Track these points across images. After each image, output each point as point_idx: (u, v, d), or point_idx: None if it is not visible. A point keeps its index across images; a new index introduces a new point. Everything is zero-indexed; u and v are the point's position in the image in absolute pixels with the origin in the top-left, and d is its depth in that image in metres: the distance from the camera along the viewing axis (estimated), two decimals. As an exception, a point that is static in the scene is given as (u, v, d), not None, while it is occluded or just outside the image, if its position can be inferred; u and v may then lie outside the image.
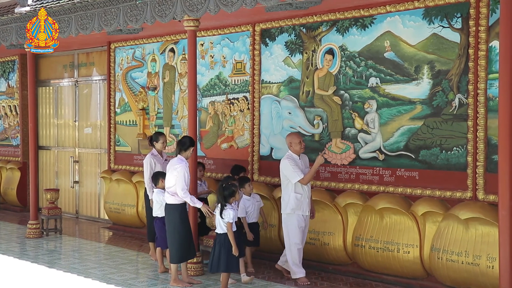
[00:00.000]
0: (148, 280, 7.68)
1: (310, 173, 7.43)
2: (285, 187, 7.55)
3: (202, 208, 7.43)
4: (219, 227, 7.07)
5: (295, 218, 7.48)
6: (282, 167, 7.55)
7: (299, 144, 7.58)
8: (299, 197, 7.45)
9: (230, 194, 7.05)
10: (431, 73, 7.24)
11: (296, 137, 7.66)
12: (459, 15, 6.99)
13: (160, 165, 8.73)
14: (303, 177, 7.38)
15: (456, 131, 7.04)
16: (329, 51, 8.23)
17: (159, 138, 8.93)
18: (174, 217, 7.43)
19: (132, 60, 11.22)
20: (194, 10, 7.43)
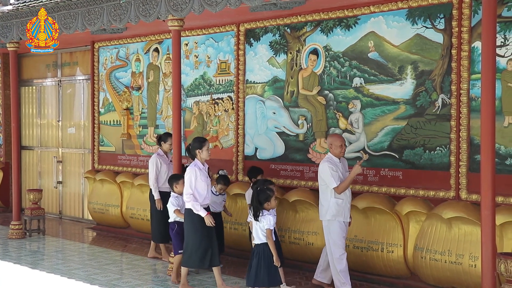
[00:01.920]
0: (132, 281, 7.64)
1: (346, 183, 6.83)
2: (323, 192, 6.96)
3: (206, 218, 7.03)
4: (257, 237, 6.38)
5: (337, 225, 6.85)
6: (320, 170, 6.96)
7: (340, 147, 6.98)
8: (340, 203, 6.86)
9: (265, 199, 6.37)
10: (415, 74, 7.29)
11: (338, 140, 7.04)
12: (442, 16, 7.04)
13: (166, 166, 8.75)
14: (338, 186, 6.79)
15: (439, 131, 7.09)
16: (314, 51, 8.26)
17: (168, 139, 8.83)
18: (187, 222, 7.18)
19: (116, 60, 11.17)
20: (178, 9, 7.41)
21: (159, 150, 8.90)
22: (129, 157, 10.96)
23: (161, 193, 8.66)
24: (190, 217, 7.11)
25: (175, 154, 8.01)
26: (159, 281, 7.66)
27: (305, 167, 8.35)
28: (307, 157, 8.35)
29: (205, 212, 7.07)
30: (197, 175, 7.06)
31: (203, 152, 7.18)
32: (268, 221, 6.31)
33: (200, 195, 7.07)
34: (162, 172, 8.73)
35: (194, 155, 7.25)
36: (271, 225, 6.32)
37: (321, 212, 6.98)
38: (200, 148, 7.18)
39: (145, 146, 10.67)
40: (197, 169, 7.09)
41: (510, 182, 6.50)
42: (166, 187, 8.52)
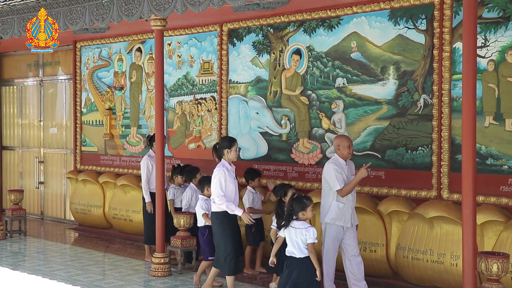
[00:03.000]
0: (115, 281, 7.61)
1: (350, 186, 6.56)
2: (325, 194, 6.70)
3: (243, 216, 6.75)
4: (299, 250, 5.83)
5: (333, 229, 6.61)
6: (325, 172, 6.69)
7: (348, 148, 6.70)
8: (341, 207, 6.59)
9: (300, 209, 5.89)
10: (397, 74, 7.33)
11: (346, 140, 6.76)
12: (423, 16, 7.09)
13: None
14: (342, 189, 6.52)
15: (421, 131, 7.14)
16: (297, 51, 8.27)
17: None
18: (217, 226, 6.85)
19: (98, 60, 11.11)
20: (161, 9, 7.39)
21: (150, 151, 8.75)
22: (112, 157, 10.91)
23: (153, 195, 8.49)
24: (219, 221, 6.80)
25: (158, 154, 7.99)
26: (142, 282, 7.63)
27: (288, 167, 8.36)
28: (290, 157, 8.36)
29: (241, 210, 6.79)
30: (226, 176, 6.73)
31: (231, 152, 6.85)
32: (312, 235, 5.81)
33: (227, 198, 6.75)
34: (154, 174, 8.52)
35: (221, 155, 6.92)
36: (315, 238, 5.82)
37: (321, 214, 6.73)
38: (229, 148, 6.85)
39: (128, 146, 10.63)
40: (225, 170, 6.76)
41: (490, 182, 6.57)
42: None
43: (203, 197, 7.46)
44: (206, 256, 7.41)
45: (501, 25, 6.51)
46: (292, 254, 5.86)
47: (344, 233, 6.65)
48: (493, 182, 6.56)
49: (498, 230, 6.46)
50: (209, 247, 7.33)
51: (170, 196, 8.53)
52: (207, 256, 7.40)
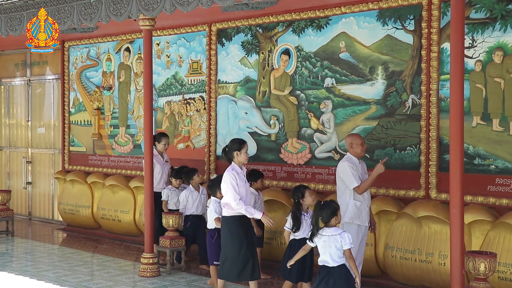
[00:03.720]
0: (103, 282, 7.58)
1: (368, 182, 6.46)
2: (341, 193, 6.56)
3: (263, 218, 6.45)
4: (332, 259, 5.53)
5: (354, 228, 6.43)
6: (340, 170, 6.57)
7: (361, 146, 6.63)
8: (358, 205, 6.47)
9: (331, 213, 5.62)
10: (385, 74, 7.35)
11: (358, 138, 6.70)
12: (412, 17, 7.12)
13: (160, 166, 8.60)
14: (359, 186, 6.42)
15: (409, 131, 7.16)
16: (285, 51, 8.28)
17: (162, 139, 8.69)
18: (224, 231, 6.59)
19: (86, 59, 11.06)
20: (149, 9, 7.36)
21: (154, 150, 8.54)
22: (100, 157, 10.87)
23: (155, 194, 8.35)
24: (228, 226, 6.53)
25: (147, 155, 7.96)
26: (130, 282, 7.60)
27: (277, 167, 8.37)
28: (279, 157, 8.37)
29: (261, 213, 6.48)
30: (237, 179, 6.44)
31: (241, 154, 6.55)
32: (347, 240, 5.50)
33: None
34: (156, 172, 8.47)
35: (231, 158, 6.61)
36: (351, 243, 5.54)
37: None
38: (238, 150, 6.55)
39: (116, 146, 10.59)
40: (235, 173, 6.48)
41: (478, 182, 6.60)
42: (160, 188, 8.53)
43: (217, 199, 7.13)
44: (212, 260, 7.18)
45: (488, 26, 6.55)
46: (325, 263, 5.56)
47: (363, 232, 6.54)
48: (480, 182, 6.60)
49: (486, 230, 6.50)
50: (215, 251, 7.10)
51: (163, 197, 8.48)
52: (212, 261, 7.17)
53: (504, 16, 6.46)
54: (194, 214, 8.19)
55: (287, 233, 6.43)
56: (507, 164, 6.47)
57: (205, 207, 8.06)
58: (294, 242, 6.35)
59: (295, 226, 6.26)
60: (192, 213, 8.19)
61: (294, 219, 6.28)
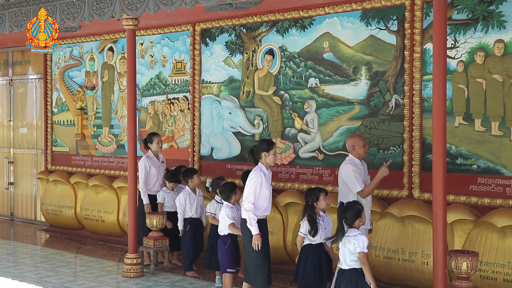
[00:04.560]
0: (86, 283, 7.54)
1: (371, 186, 6.35)
2: (344, 196, 6.37)
3: (255, 238, 6.12)
4: (344, 261, 5.42)
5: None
6: (343, 173, 6.41)
7: (363, 147, 6.50)
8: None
9: (355, 215, 5.47)
10: (369, 74, 7.39)
11: (360, 139, 6.55)
12: (395, 17, 7.16)
13: (156, 169, 8.41)
14: (363, 190, 6.28)
15: (392, 131, 7.20)
16: (269, 51, 8.29)
17: (153, 138, 8.49)
18: (245, 235, 6.28)
19: (69, 59, 11.00)
20: (133, 8, 7.33)
21: (149, 152, 8.49)
22: (83, 157, 10.81)
23: (151, 197, 8.34)
24: (247, 228, 6.23)
25: (130, 155, 7.93)
26: (114, 283, 7.57)
27: (261, 167, 8.36)
28: (263, 157, 8.36)
29: (257, 231, 6.14)
30: (263, 181, 6.17)
31: (269, 156, 6.28)
32: (361, 243, 5.33)
33: (260, 204, 6.21)
34: (151, 175, 8.36)
35: (258, 158, 6.32)
36: (365, 247, 5.35)
37: None
38: (267, 151, 6.27)
39: (100, 147, 10.54)
40: (262, 174, 6.19)
41: (460, 181, 6.66)
42: (155, 191, 8.38)
43: (229, 204, 6.85)
44: (225, 268, 6.83)
45: (470, 27, 6.61)
46: (340, 265, 5.47)
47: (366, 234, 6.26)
48: (463, 181, 6.65)
49: (468, 229, 6.55)
50: (229, 258, 6.80)
51: (159, 200, 8.29)
52: (225, 268, 6.82)
53: (485, 17, 6.51)
54: (193, 217, 7.86)
55: (301, 239, 6.11)
56: (489, 164, 6.53)
57: (203, 210, 7.89)
58: (310, 247, 6.05)
59: (312, 230, 5.96)
60: (191, 216, 7.86)
61: (311, 223, 5.97)
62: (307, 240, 6.07)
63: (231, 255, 6.79)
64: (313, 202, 6.12)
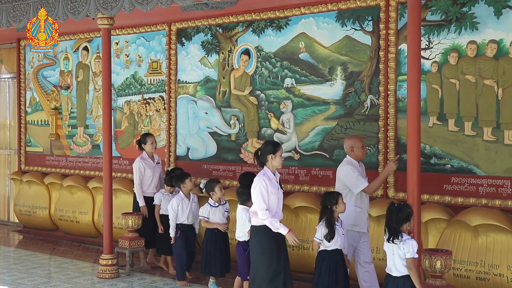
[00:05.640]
0: (60, 284, 7.47)
1: (378, 181, 6.18)
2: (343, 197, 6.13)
3: (288, 236, 5.79)
4: (395, 268, 5.16)
5: (350, 235, 6.14)
6: (342, 174, 6.26)
7: (362, 148, 6.36)
8: (358, 211, 6.21)
9: (405, 218, 5.16)
10: (344, 75, 7.43)
11: (359, 141, 6.40)
12: (370, 18, 7.21)
13: (151, 170, 8.22)
14: (369, 185, 6.14)
15: (368, 131, 7.25)
16: (245, 51, 8.29)
17: (147, 139, 8.30)
18: (253, 242, 5.96)
19: (43, 58, 10.88)
20: (108, 8, 7.28)
21: (143, 153, 8.31)
22: (58, 157, 10.71)
23: (146, 199, 8.17)
24: (257, 236, 5.90)
25: (106, 155, 7.87)
26: (89, 284, 7.51)
27: (237, 167, 8.38)
28: (239, 157, 8.38)
29: (287, 229, 5.80)
30: (267, 186, 5.80)
31: (276, 158, 5.88)
32: (411, 248, 5.04)
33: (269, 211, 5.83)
34: (146, 177, 8.20)
35: (264, 162, 5.93)
36: (415, 252, 5.05)
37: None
38: (273, 153, 5.88)
39: (75, 147, 10.45)
40: (266, 179, 5.81)
41: (434, 181, 6.72)
42: (150, 192, 8.19)
43: (247, 208, 6.51)
44: (245, 276, 6.52)
45: (444, 28, 6.68)
46: (389, 272, 5.23)
47: (359, 238, 6.29)
48: (436, 181, 6.73)
49: (442, 228, 6.62)
50: (248, 266, 6.35)
51: (156, 201, 8.04)
52: (246, 276, 6.50)
53: (458, 19, 6.59)
54: (184, 223, 7.49)
55: (317, 244, 5.85)
56: (462, 163, 6.60)
57: (195, 216, 7.55)
58: (325, 253, 5.81)
59: (329, 234, 5.72)
60: (182, 222, 7.48)
61: (330, 227, 5.72)
62: (322, 246, 5.82)
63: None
64: (332, 205, 5.82)
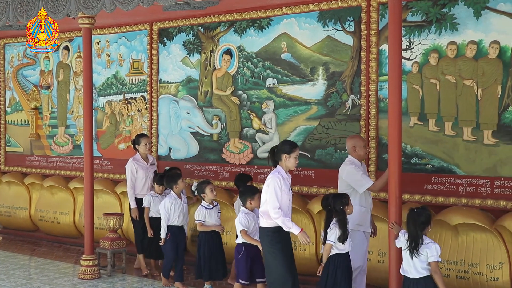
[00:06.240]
0: (41, 285, 7.41)
1: (383, 179, 5.97)
2: None
3: (300, 235, 5.66)
4: (416, 270, 5.08)
5: (359, 235, 6.07)
6: (345, 174, 6.20)
7: (364, 148, 6.33)
8: (363, 211, 6.12)
9: (426, 221, 5.12)
10: (326, 75, 7.46)
11: (361, 140, 6.38)
12: (351, 18, 7.24)
13: (143, 171, 7.99)
14: (374, 183, 6.09)
15: (349, 131, 7.28)
16: (227, 51, 8.29)
17: (141, 140, 8.07)
18: (264, 244, 5.82)
19: (23, 58, 10.79)
20: (89, 7, 7.24)
21: (136, 154, 8.09)
22: (38, 158, 10.62)
23: (139, 201, 7.94)
24: (269, 238, 5.74)
25: (87, 155, 7.82)
26: (69, 285, 7.46)
27: (219, 167, 8.37)
28: (221, 157, 8.37)
29: (299, 228, 5.67)
30: (282, 185, 5.69)
31: (290, 158, 5.76)
32: (434, 252, 5.00)
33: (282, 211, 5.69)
34: (139, 178, 7.97)
35: (277, 160, 5.82)
36: (438, 256, 5.02)
37: None
38: (288, 153, 5.76)
39: (55, 147, 10.37)
40: (280, 178, 5.71)
41: (415, 180, 6.77)
42: (143, 194, 7.93)
43: (245, 210, 6.39)
44: (238, 278, 6.42)
45: (424, 29, 6.73)
46: (406, 274, 5.15)
47: (367, 239, 6.20)
48: (417, 180, 6.77)
49: (423, 227, 6.66)
50: (241, 268, 6.36)
51: (145, 204, 7.80)
52: (238, 278, 6.42)
53: (439, 20, 6.65)
54: (174, 224, 7.22)
55: (329, 248, 5.64)
56: (443, 163, 6.66)
57: (186, 218, 7.38)
58: (339, 257, 5.63)
59: (343, 235, 5.56)
60: (173, 224, 7.20)
61: (344, 228, 5.57)
62: (335, 249, 5.63)
63: (245, 265, 6.30)
64: (344, 206, 5.70)
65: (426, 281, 5.06)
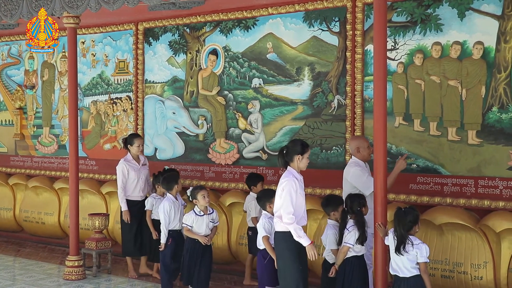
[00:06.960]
0: (26, 286, 7.36)
1: (390, 181, 5.78)
2: None
3: (309, 248, 5.47)
4: (406, 269, 5.09)
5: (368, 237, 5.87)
6: (350, 176, 6.12)
7: (368, 148, 6.21)
8: (369, 212, 5.88)
9: (414, 221, 5.14)
10: (312, 75, 7.47)
11: (365, 141, 6.31)
12: (337, 19, 7.26)
13: (135, 172, 7.80)
14: None
15: (335, 131, 7.31)
16: (213, 51, 8.28)
17: (135, 140, 7.87)
18: (280, 249, 5.63)
19: (7, 57, 10.72)
20: (74, 6, 7.21)
21: (128, 155, 7.91)
22: (23, 158, 10.55)
23: (130, 202, 7.78)
24: (286, 244, 5.54)
25: (72, 156, 7.78)
26: (54, 286, 7.42)
27: (205, 167, 8.36)
28: (207, 157, 8.37)
29: (309, 240, 5.48)
30: (297, 187, 5.51)
31: (303, 159, 5.61)
32: (424, 252, 5.04)
33: (297, 215, 5.51)
34: (130, 180, 7.76)
35: (289, 161, 5.64)
36: (427, 257, 5.06)
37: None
38: (301, 154, 5.60)
39: (40, 147, 10.30)
40: (295, 180, 5.53)
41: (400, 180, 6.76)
42: (135, 196, 7.80)
43: (267, 214, 6.08)
44: (263, 285, 6.15)
45: (409, 29, 6.77)
46: (396, 273, 5.17)
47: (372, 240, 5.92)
48: (403, 180, 6.78)
49: (408, 227, 6.69)
50: (268, 273, 6.06)
51: (147, 206, 7.61)
52: (264, 285, 6.15)
53: (423, 20, 6.69)
54: (175, 229, 6.90)
55: (347, 250, 5.60)
56: (428, 163, 6.70)
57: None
58: (355, 260, 5.62)
59: (362, 237, 5.53)
60: (174, 228, 6.90)
61: (362, 229, 5.54)
62: (352, 251, 5.61)
63: (271, 272, 6.00)
64: (361, 207, 5.69)
65: (416, 280, 5.09)
